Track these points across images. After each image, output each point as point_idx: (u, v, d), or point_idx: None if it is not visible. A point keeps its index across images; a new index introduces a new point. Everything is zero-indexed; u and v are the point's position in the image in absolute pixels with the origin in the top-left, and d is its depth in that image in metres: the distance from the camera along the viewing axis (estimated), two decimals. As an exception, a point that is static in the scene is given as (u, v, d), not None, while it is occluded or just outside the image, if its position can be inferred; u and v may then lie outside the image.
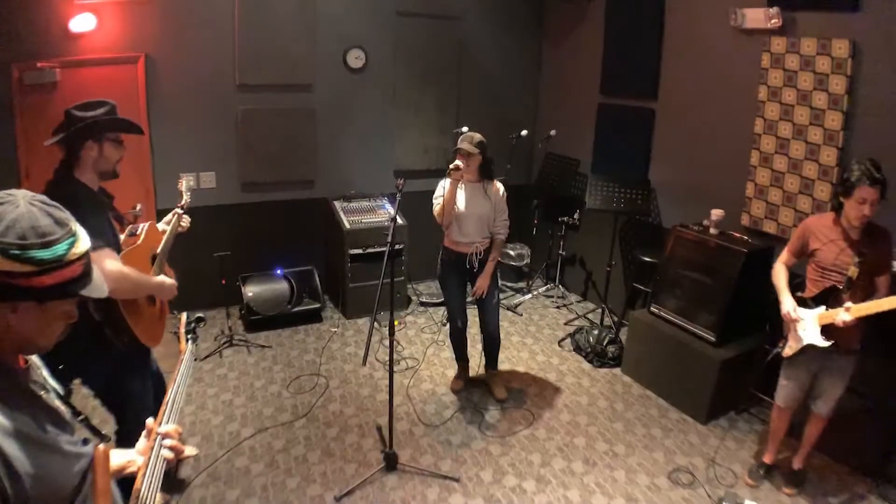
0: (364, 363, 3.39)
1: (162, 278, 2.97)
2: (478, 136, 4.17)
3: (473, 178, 4.27)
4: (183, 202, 3.53)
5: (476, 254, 4.32)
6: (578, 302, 6.58)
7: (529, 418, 4.38)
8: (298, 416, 4.30)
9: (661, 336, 4.71)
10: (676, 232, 4.68)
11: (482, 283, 4.32)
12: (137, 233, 2.96)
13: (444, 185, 4.25)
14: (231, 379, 4.77)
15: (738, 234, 4.52)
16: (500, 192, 4.34)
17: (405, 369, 4.99)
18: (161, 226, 3.33)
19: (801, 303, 3.46)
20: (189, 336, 2.30)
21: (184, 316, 2.36)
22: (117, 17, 5.01)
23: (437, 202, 4.29)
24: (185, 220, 3.43)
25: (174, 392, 1.88)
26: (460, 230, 4.31)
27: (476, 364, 4.88)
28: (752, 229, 4.67)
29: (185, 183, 3.67)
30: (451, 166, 4.05)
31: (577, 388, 4.82)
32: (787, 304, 3.47)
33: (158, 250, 3.08)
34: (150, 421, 1.75)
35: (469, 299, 4.57)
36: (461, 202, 4.26)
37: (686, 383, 4.52)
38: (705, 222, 4.66)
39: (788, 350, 3.49)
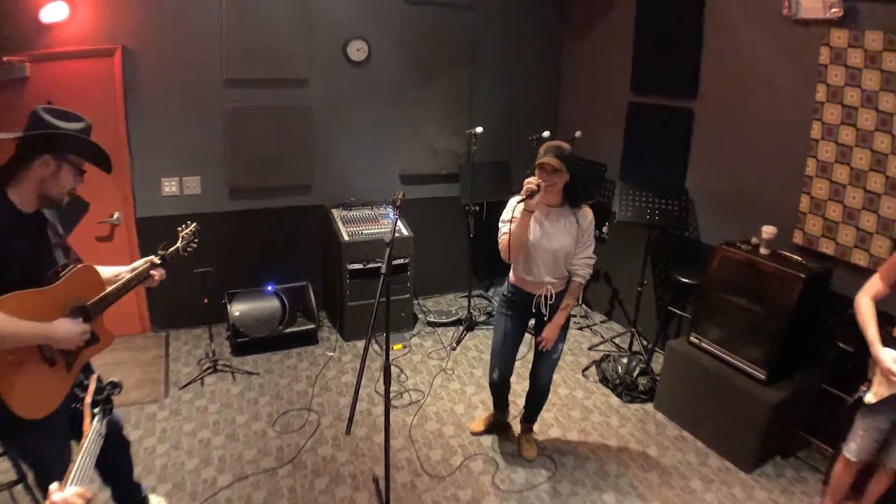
0: (348, 432, 2.91)
1: (55, 324, 2.35)
2: (566, 147, 3.39)
3: (554, 202, 3.50)
4: (170, 251, 3.04)
5: (546, 297, 3.61)
6: (603, 322, 6.20)
7: (551, 468, 3.98)
8: (284, 461, 3.92)
9: (701, 370, 4.30)
10: (722, 251, 4.27)
11: (549, 335, 3.64)
12: (61, 274, 2.45)
13: (508, 206, 3.53)
14: (211, 412, 4.42)
15: (792, 255, 4.11)
16: (588, 221, 3.55)
17: (408, 404, 4.60)
18: (111, 270, 2.81)
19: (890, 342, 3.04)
20: (97, 411, 1.83)
21: (93, 382, 1.90)
22: (91, 4, 4.68)
23: (503, 230, 3.51)
24: (158, 274, 2.91)
25: (73, 480, 1.56)
26: (527, 266, 3.57)
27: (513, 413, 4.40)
28: (807, 248, 4.26)
29: (189, 230, 3.20)
30: (527, 186, 3.26)
31: (604, 429, 4.43)
32: (886, 356, 2.97)
33: (90, 302, 2.57)
34: (53, 487, 1.55)
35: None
36: (533, 231, 3.49)
37: (729, 425, 4.12)
38: (754, 240, 4.25)
39: (873, 397, 3.06)
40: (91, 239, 5.06)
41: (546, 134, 5.34)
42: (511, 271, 3.71)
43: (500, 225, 3.54)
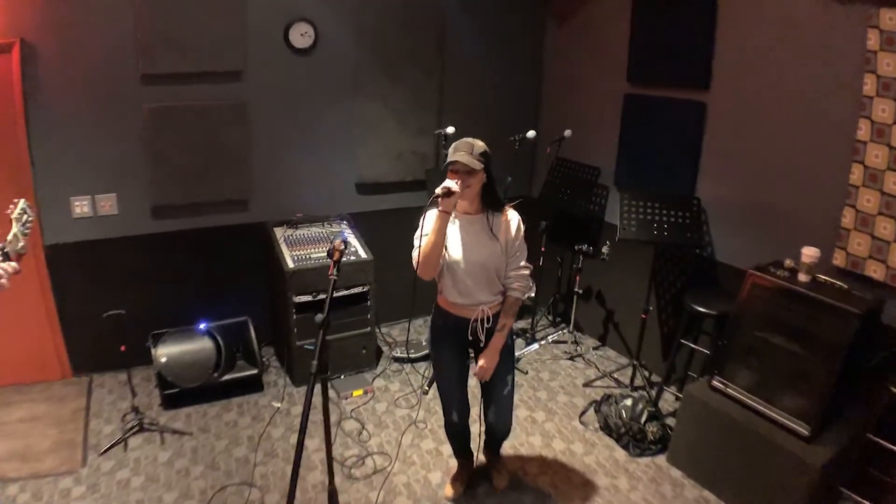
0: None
1: None
2: (479, 144, 3.05)
3: (472, 209, 3.19)
4: (7, 241, 2.51)
5: (483, 321, 3.24)
6: (596, 349, 5.64)
7: (554, 560, 3.40)
8: (218, 562, 3.27)
9: (727, 421, 3.75)
10: (753, 278, 3.70)
11: (487, 363, 3.27)
12: None
13: (423, 220, 3.19)
14: (135, 488, 3.74)
15: (833, 281, 3.57)
16: (515, 226, 3.21)
17: (372, 473, 3.94)
18: None
19: None
20: None
21: None
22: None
23: (414, 248, 3.17)
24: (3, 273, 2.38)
25: None
26: (456, 287, 3.22)
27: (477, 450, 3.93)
28: (850, 272, 3.72)
29: (17, 210, 2.65)
30: (440, 190, 2.94)
31: (613, 496, 3.82)
32: None
33: None
34: None
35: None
36: (454, 246, 3.17)
37: (763, 488, 3.57)
38: (788, 263, 3.70)
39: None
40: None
41: (531, 134, 4.77)
42: (438, 295, 3.37)
43: (415, 241, 3.18)
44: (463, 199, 3.08)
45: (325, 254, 4.65)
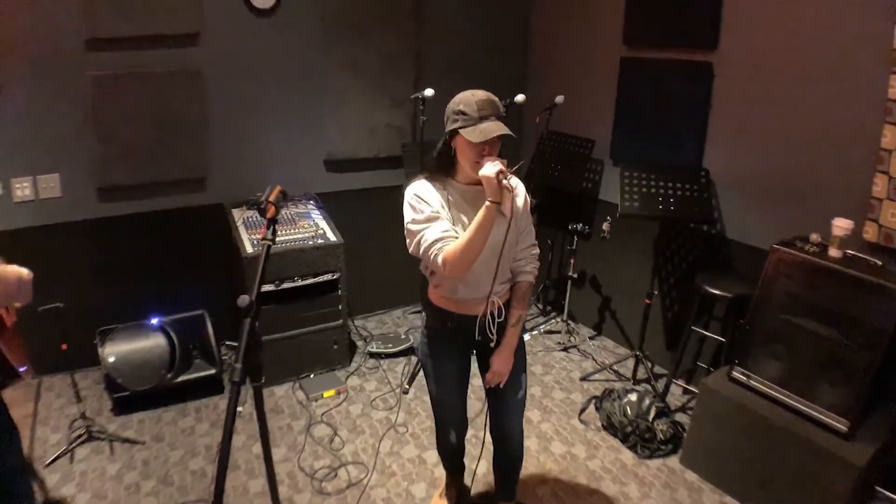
0: None
1: None
2: (497, 100, 2.44)
3: (478, 179, 2.43)
4: None
5: (494, 314, 2.65)
6: (592, 339, 5.23)
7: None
8: None
9: (749, 417, 3.35)
10: (779, 254, 3.28)
11: (503, 366, 2.69)
12: None
13: (418, 196, 2.52)
14: (80, 506, 3.28)
15: (867, 257, 3.16)
16: (522, 197, 2.61)
17: (346, 487, 3.46)
18: None
19: None
20: None
21: None
22: None
23: (435, 236, 2.46)
24: None
25: None
26: (464, 279, 2.59)
27: (474, 471, 3.32)
28: (883, 247, 3.31)
29: None
30: (497, 168, 2.30)
31: (622, 505, 3.43)
32: None
33: None
34: None
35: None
36: (458, 226, 2.56)
37: (793, 490, 3.18)
38: (814, 237, 3.30)
39: None
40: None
41: (520, 98, 4.30)
42: (432, 291, 2.76)
43: (415, 227, 2.50)
44: (473, 170, 2.45)
45: (294, 235, 4.25)
